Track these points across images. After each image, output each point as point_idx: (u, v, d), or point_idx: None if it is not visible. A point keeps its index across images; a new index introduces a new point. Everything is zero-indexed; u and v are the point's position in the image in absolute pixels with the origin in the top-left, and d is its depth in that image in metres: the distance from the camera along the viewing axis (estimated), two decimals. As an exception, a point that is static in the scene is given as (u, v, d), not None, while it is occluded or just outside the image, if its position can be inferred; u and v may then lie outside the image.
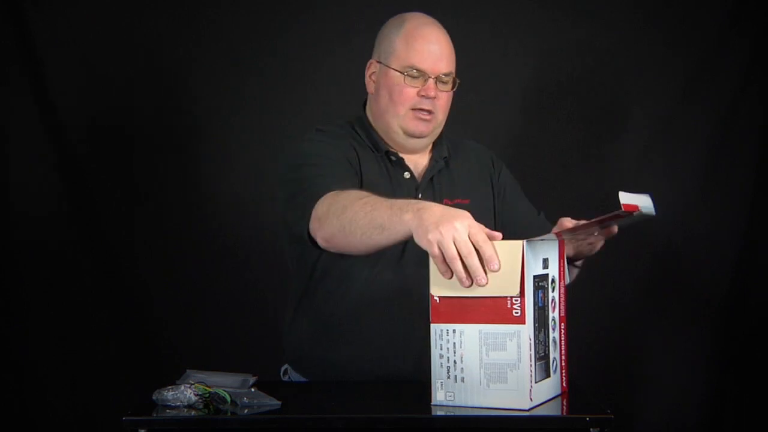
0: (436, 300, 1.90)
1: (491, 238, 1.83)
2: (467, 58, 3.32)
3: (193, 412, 1.90)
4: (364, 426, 1.91)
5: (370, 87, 2.42)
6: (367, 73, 2.43)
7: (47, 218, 3.33)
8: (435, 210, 1.88)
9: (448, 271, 1.83)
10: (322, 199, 2.12)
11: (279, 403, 1.94)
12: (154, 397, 1.93)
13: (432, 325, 1.91)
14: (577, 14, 3.38)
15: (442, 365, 1.91)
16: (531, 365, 1.87)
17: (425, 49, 2.33)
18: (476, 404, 1.90)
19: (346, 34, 3.29)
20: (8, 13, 3.26)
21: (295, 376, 2.42)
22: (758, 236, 3.37)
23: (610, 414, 1.88)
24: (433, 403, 1.93)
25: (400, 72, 2.33)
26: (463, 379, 1.90)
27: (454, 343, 1.90)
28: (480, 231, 1.83)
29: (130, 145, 3.37)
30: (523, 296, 1.84)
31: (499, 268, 1.81)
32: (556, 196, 3.40)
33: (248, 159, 3.33)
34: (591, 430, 1.86)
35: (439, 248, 1.81)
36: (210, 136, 3.36)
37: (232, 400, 1.91)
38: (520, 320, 1.85)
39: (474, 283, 1.82)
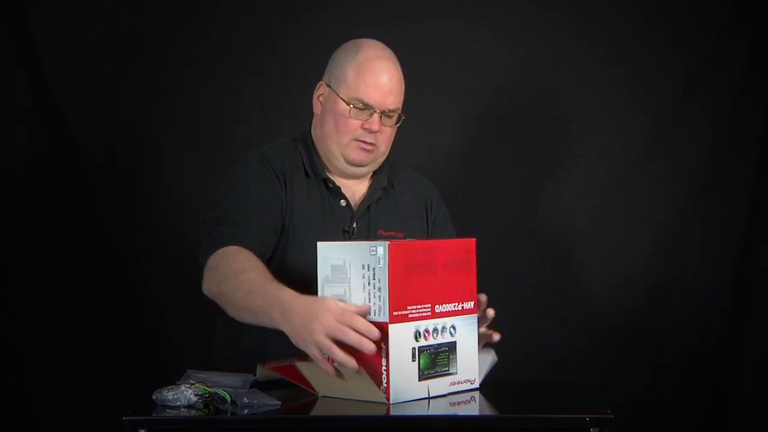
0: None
1: (360, 313, 1.91)
2: (457, 61, 3.36)
3: (193, 412, 1.90)
4: (364, 426, 1.92)
5: (317, 108, 2.42)
6: (316, 93, 2.43)
7: (47, 218, 3.33)
8: (299, 313, 1.96)
9: (330, 368, 1.93)
10: (216, 254, 2.22)
11: (279, 403, 1.94)
12: (154, 397, 1.93)
13: None
14: (578, 14, 3.38)
15: None
16: None
17: (375, 83, 2.32)
18: None
19: (347, 34, 3.28)
20: (8, 13, 3.26)
21: None
22: (758, 236, 3.37)
23: (610, 414, 1.89)
24: None
25: (347, 103, 2.34)
26: None
27: None
28: (345, 312, 1.91)
29: (130, 145, 3.37)
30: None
31: (378, 335, 1.89)
32: (552, 197, 3.42)
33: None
34: (591, 430, 1.87)
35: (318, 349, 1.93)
36: (210, 136, 3.36)
37: (232, 400, 1.91)
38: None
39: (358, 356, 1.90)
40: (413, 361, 1.96)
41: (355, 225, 2.37)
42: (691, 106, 3.38)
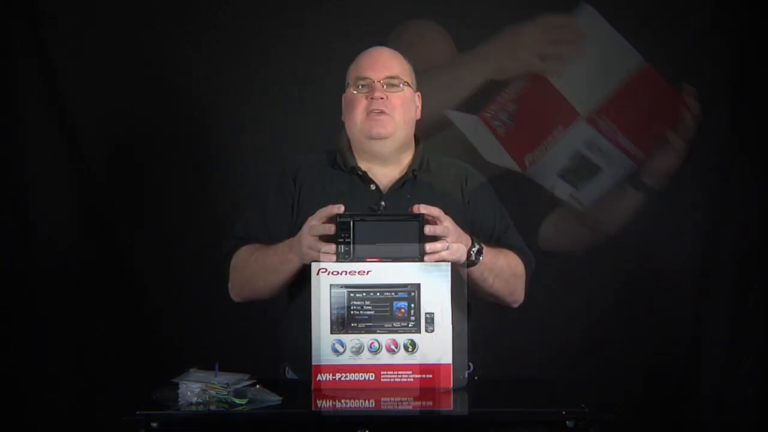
0: None
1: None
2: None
3: (194, 410, 1.91)
4: (364, 423, 1.92)
5: (343, 112, 2.55)
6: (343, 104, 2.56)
7: (49, 218, 3.34)
8: (294, 242, 2.34)
9: (332, 249, 2.24)
10: (229, 265, 2.51)
11: (280, 398, 1.95)
12: (154, 397, 1.94)
13: None
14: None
15: None
16: None
17: (368, 60, 2.51)
18: None
19: (352, 36, 3.30)
20: (27, 39, 3.28)
21: (292, 375, 2.44)
22: (757, 236, 3.38)
23: (584, 408, 1.91)
24: None
25: (353, 86, 2.50)
26: None
27: None
28: (306, 226, 2.28)
29: (134, 146, 3.39)
30: None
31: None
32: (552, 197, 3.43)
33: (252, 167, 3.33)
34: (567, 423, 1.89)
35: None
36: (211, 138, 3.38)
37: (233, 398, 1.92)
38: None
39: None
40: None
41: (383, 203, 2.45)
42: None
